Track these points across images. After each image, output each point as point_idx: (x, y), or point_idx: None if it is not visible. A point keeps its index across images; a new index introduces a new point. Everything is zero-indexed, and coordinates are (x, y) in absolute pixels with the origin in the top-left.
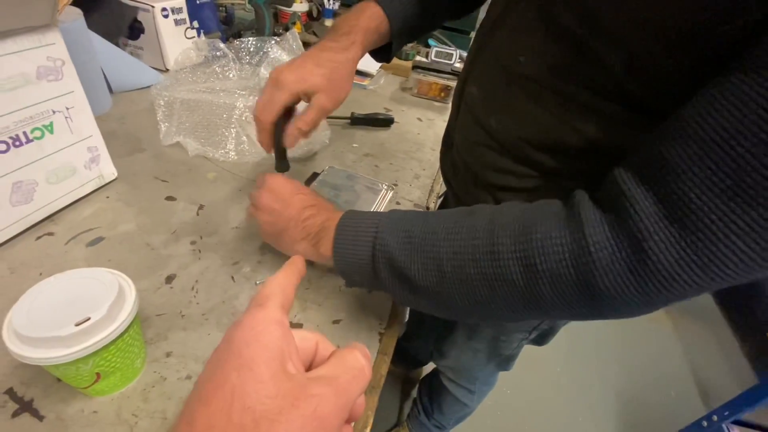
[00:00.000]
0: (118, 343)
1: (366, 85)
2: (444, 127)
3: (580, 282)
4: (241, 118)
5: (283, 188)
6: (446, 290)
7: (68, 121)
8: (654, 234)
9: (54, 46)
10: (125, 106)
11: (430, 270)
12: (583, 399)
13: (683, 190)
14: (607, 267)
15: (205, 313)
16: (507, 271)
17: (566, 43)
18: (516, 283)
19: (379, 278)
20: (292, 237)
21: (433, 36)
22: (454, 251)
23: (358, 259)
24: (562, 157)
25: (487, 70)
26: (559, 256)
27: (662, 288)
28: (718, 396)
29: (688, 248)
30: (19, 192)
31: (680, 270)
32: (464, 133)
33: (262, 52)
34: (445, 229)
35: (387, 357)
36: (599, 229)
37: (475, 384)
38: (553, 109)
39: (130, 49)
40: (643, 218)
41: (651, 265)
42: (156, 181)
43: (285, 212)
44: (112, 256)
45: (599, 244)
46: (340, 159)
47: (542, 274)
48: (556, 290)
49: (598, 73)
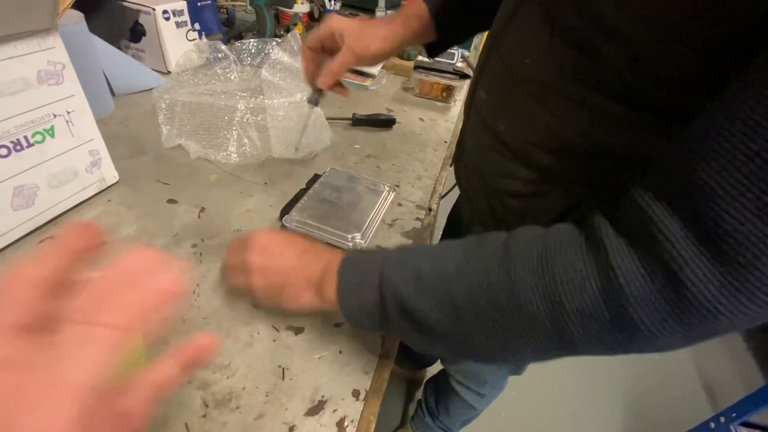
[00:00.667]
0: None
1: (367, 86)
2: (446, 128)
3: (614, 320)
4: (243, 120)
5: (272, 242)
6: (464, 332)
7: (69, 124)
8: (689, 261)
9: (54, 50)
10: (127, 108)
11: (445, 312)
12: (589, 400)
13: (714, 210)
14: (641, 301)
15: (206, 317)
16: (530, 310)
17: (571, 43)
18: (540, 324)
19: (389, 322)
20: (295, 289)
21: None
22: (469, 289)
23: (366, 304)
24: (570, 160)
25: (494, 74)
26: (587, 292)
27: (706, 321)
28: (725, 397)
29: (728, 275)
30: (21, 196)
31: (724, 300)
32: (474, 138)
33: (264, 53)
34: (456, 264)
35: (389, 361)
36: (627, 259)
37: (484, 387)
38: (559, 112)
39: (131, 51)
40: (675, 244)
41: (690, 296)
42: (158, 184)
43: (282, 266)
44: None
45: (630, 276)
46: (341, 160)
47: (571, 314)
48: (589, 331)
49: (603, 73)
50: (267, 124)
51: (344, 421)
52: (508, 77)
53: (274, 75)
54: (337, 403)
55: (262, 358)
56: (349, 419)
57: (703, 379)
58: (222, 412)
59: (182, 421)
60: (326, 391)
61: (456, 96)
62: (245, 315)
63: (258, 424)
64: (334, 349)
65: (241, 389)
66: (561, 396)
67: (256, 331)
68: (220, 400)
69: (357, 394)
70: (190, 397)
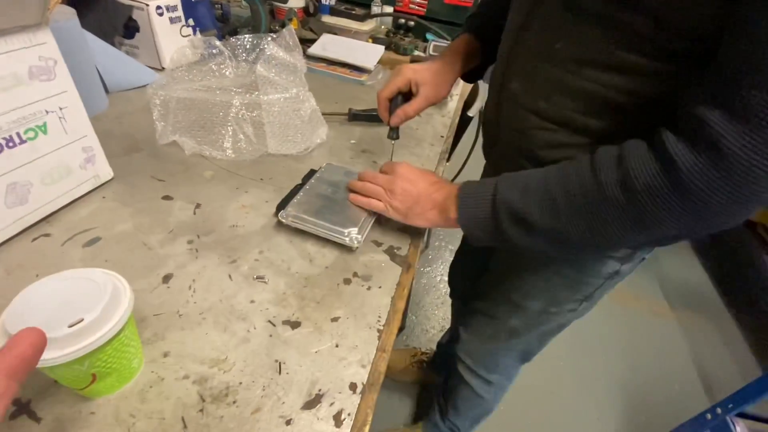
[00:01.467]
0: (113, 343)
1: (363, 81)
2: (443, 122)
3: (671, 187)
4: (238, 116)
5: (410, 173)
6: (562, 226)
7: (62, 121)
8: (726, 133)
9: (45, 45)
10: (121, 105)
11: (547, 210)
12: (587, 392)
13: (741, 89)
14: (692, 168)
15: (202, 313)
16: (610, 195)
17: (593, 22)
18: (620, 205)
19: (501, 229)
20: (423, 208)
21: (431, 30)
22: (566, 191)
23: (481, 217)
24: (613, 117)
25: (525, 64)
26: (651, 170)
27: (745, 176)
28: (722, 389)
29: (756, 136)
30: (14, 193)
31: (756, 155)
32: (512, 124)
33: (259, 49)
34: (555, 176)
35: (386, 354)
36: (680, 143)
37: (494, 374)
38: (596, 78)
39: (125, 48)
40: (713, 125)
41: (730, 157)
42: (153, 181)
43: (415, 190)
44: (109, 256)
45: (682, 152)
46: (337, 155)
47: (640, 191)
48: (654, 202)
49: (630, 37)
50: (262, 120)
51: (341, 414)
52: (542, 63)
53: (269, 70)
54: (334, 397)
55: (258, 353)
56: (346, 412)
57: (700, 370)
58: (219, 406)
59: (179, 416)
60: (323, 384)
61: (452, 91)
62: (241, 310)
63: (255, 418)
64: (330, 343)
65: (238, 384)
66: (559, 388)
67: (252, 326)
68: (216, 395)
69: (354, 388)
70: (187, 392)
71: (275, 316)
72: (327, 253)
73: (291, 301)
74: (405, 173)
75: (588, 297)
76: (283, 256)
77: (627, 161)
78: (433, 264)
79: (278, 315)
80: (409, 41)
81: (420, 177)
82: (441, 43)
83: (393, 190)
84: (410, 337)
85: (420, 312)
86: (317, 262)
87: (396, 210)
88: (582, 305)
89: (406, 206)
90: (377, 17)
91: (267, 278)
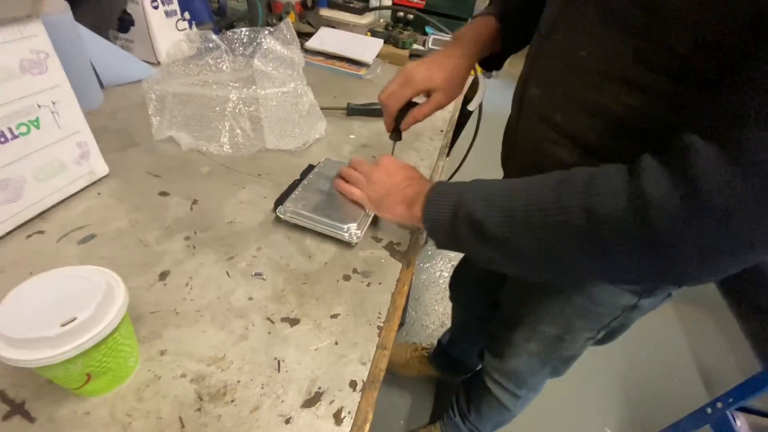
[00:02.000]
0: (107, 342)
1: (362, 75)
2: (442, 117)
3: (636, 222)
4: (235, 111)
5: (392, 165)
6: (516, 241)
7: (55, 115)
8: (709, 171)
9: (37, 38)
10: (117, 100)
11: (504, 223)
12: (586, 386)
13: (743, 130)
14: (661, 206)
15: (199, 310)
16: (571, 218)
17: (628, 33)
18: (579, 231)
19: (458, 234)
20: (393, 201)
21: (431, 23)
22: (527, 204)
23: (442, 219)
24: (630, 141)
25: (547, 70)
26: (617, 200)
27: (719, 224)
28: (722, 383)
29: (743, 183)
30: (7, 190)
31: (737, 203)
32: (529, 133)
33: (256, 42)
34: (520, 187)
35: (386, 351)
36: (657, 174)
37: (522, 389)
38: (618, 96)
39: (120, 42)
40: (699, 160)
41: (704, 198)
42: (149, 177)
43: (389, 182)
44: (105, 253)
45: (655, 185)
46: (336, 150)
47: (602, 218)
48: (615, 233)
49: (661, 56)
50: (260, 115)
51: (341, 412)
52: (564, 71)
53: (266, 65)
54: (334, 395)
55: (257, 351)
56: (346, 410)
57: (699, 364)
58: (217, 405)
59: (176, 415)
60: (323, 382)
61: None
62: (239, 307)
63: (254, 416)
64: (330, 340)
65: (236, 382)
66: (557, 381)
67: (251, 324)
68: (214, 394)
69: (354, 385)
70: (184, 391)
71: (274, 313)
72: (326, 249)
73: (290, 298)
74: (386, 164)
75: (605, 327)
76: (282, 253)
77: (596, 184)
78: (432, 260)
79: (277, 312)
80: (408, 35)
81: (398, 170)
82: (440, 36)
83: (371, 179)
84: (410, 333)
85: (420, 308)
86: (316, 259)
87: (371, 200)
88: (600, 334)
89: (379, 197)
90: (376, 10)
91: (265, 275)
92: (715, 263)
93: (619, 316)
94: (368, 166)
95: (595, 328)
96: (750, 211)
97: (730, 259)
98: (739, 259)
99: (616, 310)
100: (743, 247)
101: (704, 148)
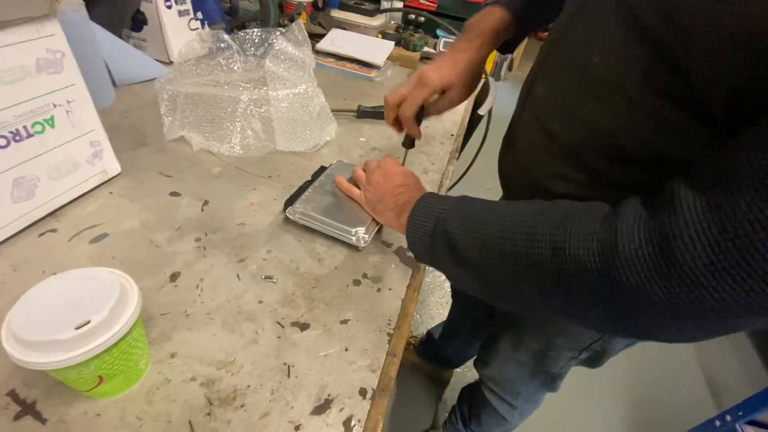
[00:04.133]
0: (120, 345)
1: (373, 77)
2: (453, 120)
3: (603, 271)
4: (246, 112)
5: (391, 168)
6: (486, 266)
7: (70, 114)
8: (687, 235)
9: (53, 37)
10: (129, 99)
11: (476, 246)
12: (593, 396)
13: (740, 195)
14: (631, 260)
15: (210, 312)
16: (539, 252)
17: (643, 42)
18: (544, 266)
19: (435, 250)
20: (385, 207)
21: (442, 26)
22: (500, 229)
23: (422, 232)
24: (625, 166)
25: (557, 69)
26: (588, 244)
27: (688, 292)
28: (730, 395)
29: (722, 255)
30: (21, 188)
31: (709, 276)
32: (526, 135)
33: (267, 43)
34: (498, 212)
35: (396, 359)
36: (633, 224)
37: (517, 399)
38: (621, 116)
39: (133, 41)
40: (681, 218)
41: (676, 263)
42: (160, 176)
43: (385, 186)
44: (116, 253)
45: (628, 237)
46: (346, 153)
47: (568, 258)
48: (579, 277)
49: (674, 79)
50: (271, 116)
51: (351, 420)
52: (572, 75)
53: (278, 65)
54: (344, 402)
55: (267, 355)
56: (356, 419)
57: (707, 376)
58: (226, 410)
59: (186, 419)
60: (332, 389)
61: None
62: (249, 311)
63: (263, 422)
64: (340, 346)
65: (246, 387)
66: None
67: (260, 327)
68: (224, 398)
69: (364, 393)
70: (194, 395)
71: (284, 317)
72: (336, 252)
73: (300, 302)
74: (386, 167)
75: (586, 349)
76: (292, 256)
77: (572, 223)
78: None
79: (287, 316)
80: (419, 37)
81: (396, 175)
82: (451, 39)
83: (370, 181)
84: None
85: (425, 311)
86: (326, 262)
87: (367, 201)
88: (583, 355)
89: (374, 200)
90: (387, 12)
91: (275, 278)
92: (682, 328)
93: (598, 340)
94: (373, 166)
95: (575, 348)
96: (725, 282)
97: (700, 324)
98: (712, 327)
99: (595, 333)
100: (714, 315)
101: (691, 201)
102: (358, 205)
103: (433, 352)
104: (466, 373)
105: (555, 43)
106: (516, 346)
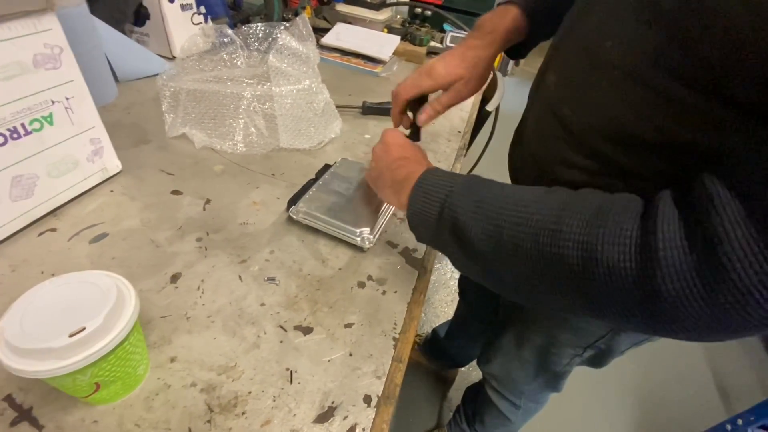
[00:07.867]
0: (117, 352)
1: (378, 72)
2: (460, 117)
3: (639, 278)
4: (250, 108)
5: (391, 139)
6: (499, 260)
7: (68, 111)
8: (734, 240)
9: (51, 32)
10: (131, 95)
11: (490, 237)
12: (600, 398)
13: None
14: (672, 267)
15: (211, 315)
16: (565, 252)
17: (661, 27)
18: (571, 268)
19: (442, 235)
20: (384, 183)
21: (449, 20)
22: (517, 223)
23: (427, 216)
24: (638, 154)
25: (569, 56)
26: (624, 248)
27: (734, 302)
28: (740, 398)
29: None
30: (19, 186)
31: (759, 285)
32: (537, 124)
33: (271, 38)
34: (516, 200)
35: (402, 365)
36: (673, 227)
37: (520, 399)
38: (633, 100)
39: (135, 36)
40: (725, 221)
41: (723, 271)
42: (161, 175)
43: (384, 160)
44: (116, 253)
45: (670, 242)
46: (351, 150)
47: (600, 262)
48: (611, 282)
49: (693, 63)
50: (274, 113)
51: (355, 428)
52: (585, 61)
53: (281, 61)
54: (348, 410)
55: (268, 360)
56: (360, 427)
57: (716, 379)
58: (227, 417)
59: (185, 427)
60: (336, 396)
61: None
62: (251, 314)
63: (265, 430)
64: (344, 351)
65: (247, 393)
66: (568, 393)
67: (262, 331)
68: (225, 405)
69: (368, 401)
70: (194, 401)
71: (286, 320)
72: (340, 253)
73: (303, 305)
74: (385, 139)
75: (591, 346)
76: (295, 257)
77: (604, 222)
78: (443, 260)
79: (289, 320)
80: (426, 32)
81: (394, 146)
82: (459, 33)
83: (373, 156)
84: (419, 335)
85: (430, 310)
86: (330, 264)
87: (370, 179)
88: (587, 353)
89: (374, 177)
90: (393, 6)
91: (278, 280)
92: (722, 336)
93: (604, 337)
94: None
95: (580, 345)
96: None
97: (738, 334)
98: (748, 333)
99: (601, 329)
100: (757, 326)
101: (727, 200)
102: (364, 205)
103: (438, 351)
104: (471, 372)
105: (567, 32)
106: (519, 341)
